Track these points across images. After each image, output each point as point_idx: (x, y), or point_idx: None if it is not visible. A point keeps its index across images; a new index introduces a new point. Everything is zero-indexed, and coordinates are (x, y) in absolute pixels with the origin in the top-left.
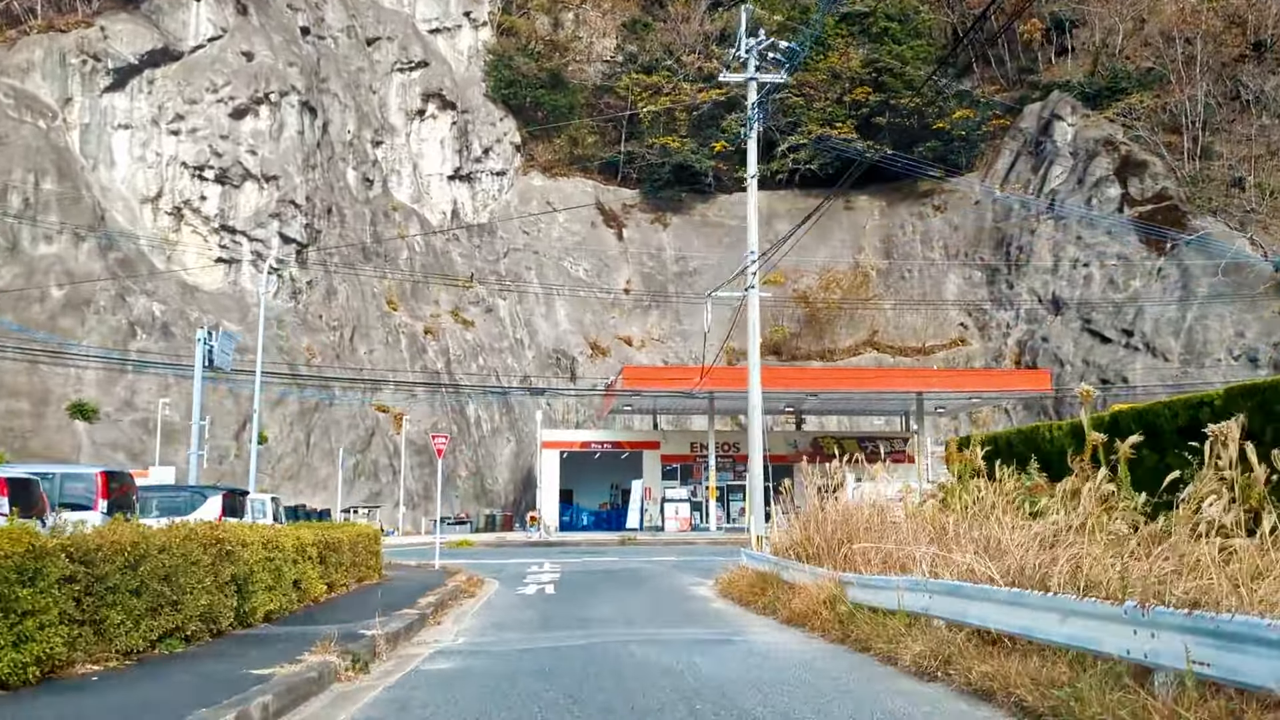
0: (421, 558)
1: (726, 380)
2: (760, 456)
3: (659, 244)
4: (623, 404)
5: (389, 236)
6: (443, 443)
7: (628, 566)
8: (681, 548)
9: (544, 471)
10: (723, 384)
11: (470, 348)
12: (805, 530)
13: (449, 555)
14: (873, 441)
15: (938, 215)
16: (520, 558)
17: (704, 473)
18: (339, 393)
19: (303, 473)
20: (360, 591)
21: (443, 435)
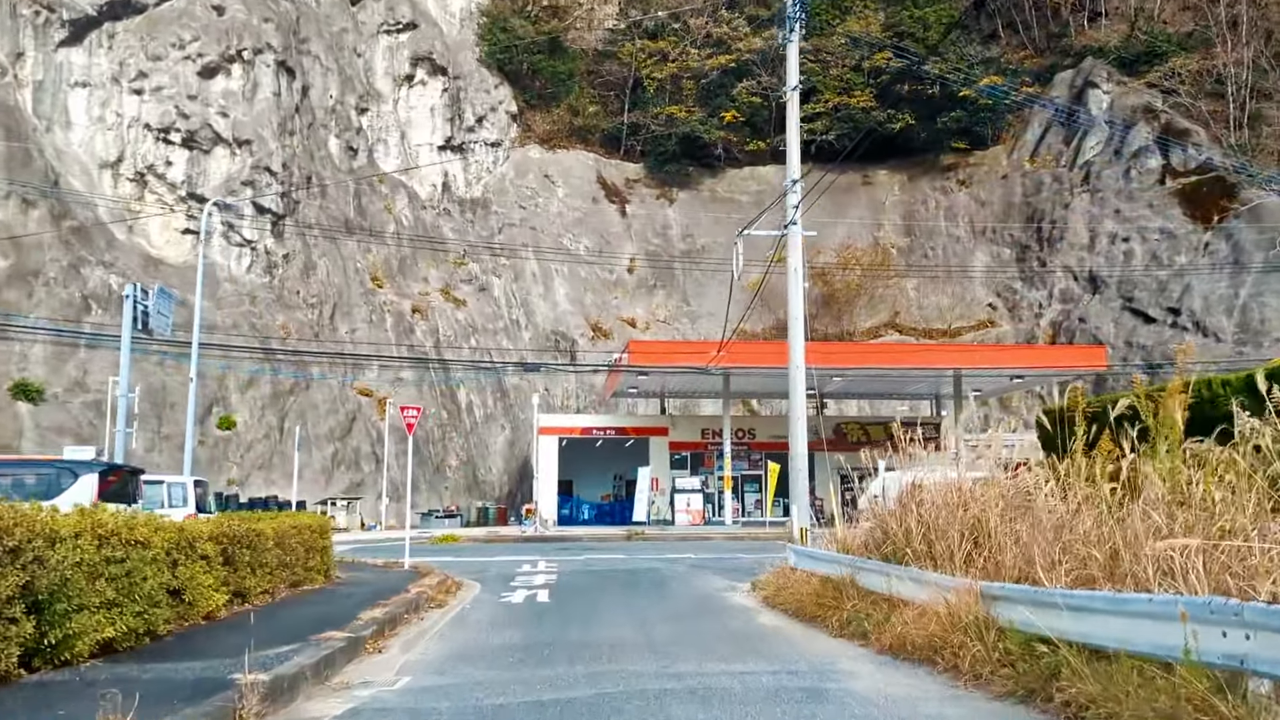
0: (394, 555)
1: (746, 355)
2: (804, 433)
3: (664, 220)
4: (627, 386)
5: (374, 209)
6: (414, 416)
7: (638, 566)
8: (696, 543)
9: (541, 460)
10: (742, 359)
11: (462, 328)
12: (897, 520)
13: (429, 553)
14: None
15: (962, 190)
16: (511, 554)
17: (717, 461)
18: (317, 374)
19: (275, 461)
20: (287, 602)
21: (414, 407)
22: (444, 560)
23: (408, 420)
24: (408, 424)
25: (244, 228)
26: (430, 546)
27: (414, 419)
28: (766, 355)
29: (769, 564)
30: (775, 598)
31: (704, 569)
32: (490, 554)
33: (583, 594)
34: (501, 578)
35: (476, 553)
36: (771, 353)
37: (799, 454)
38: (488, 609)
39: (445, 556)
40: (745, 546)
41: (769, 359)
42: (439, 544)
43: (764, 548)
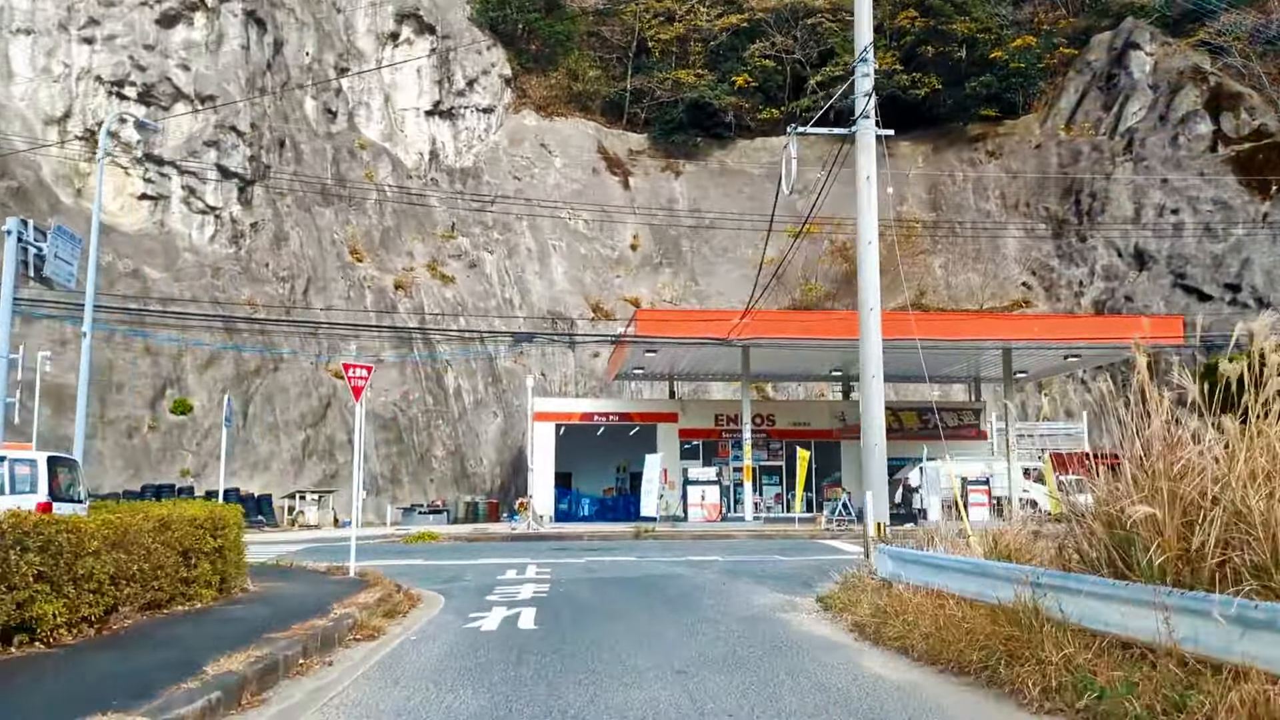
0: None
1: (772, 325)
2: (879, 396)
3: (670, 194)
4: (632, 367)
5: (355, 177)
6: (362, 378)
7: (654, 571)
8: (718, 542)
9: (536, 449)
10: (767, 330)
11: (450, 307)
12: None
13: (397, 554)
14: (936, 414)
15: (992, 162)
16: (495, 556)
17: (733, 450)
18: (287, 353)
19: (238, 450)
20: (140, 629)
21: (362, 366)
22: (408, 565)
23: (355, 382)
24: (354, 387)
25: (207, 193)
26: (401, 546)
27: (362, 381)
28: (794, 326)
29: (822, 569)
30: (876, 627)
31: (739, 575)
32: (470, 555)
33: (584, 615)
34: (476, 589)
35: (454, 554)
36: (800, 324)
37: (873, 425)
38: (442, 642)
39: (413, 559)
40: (778, 546)
41: (797, 329)
42: (413, 543)
43: (800, 547)
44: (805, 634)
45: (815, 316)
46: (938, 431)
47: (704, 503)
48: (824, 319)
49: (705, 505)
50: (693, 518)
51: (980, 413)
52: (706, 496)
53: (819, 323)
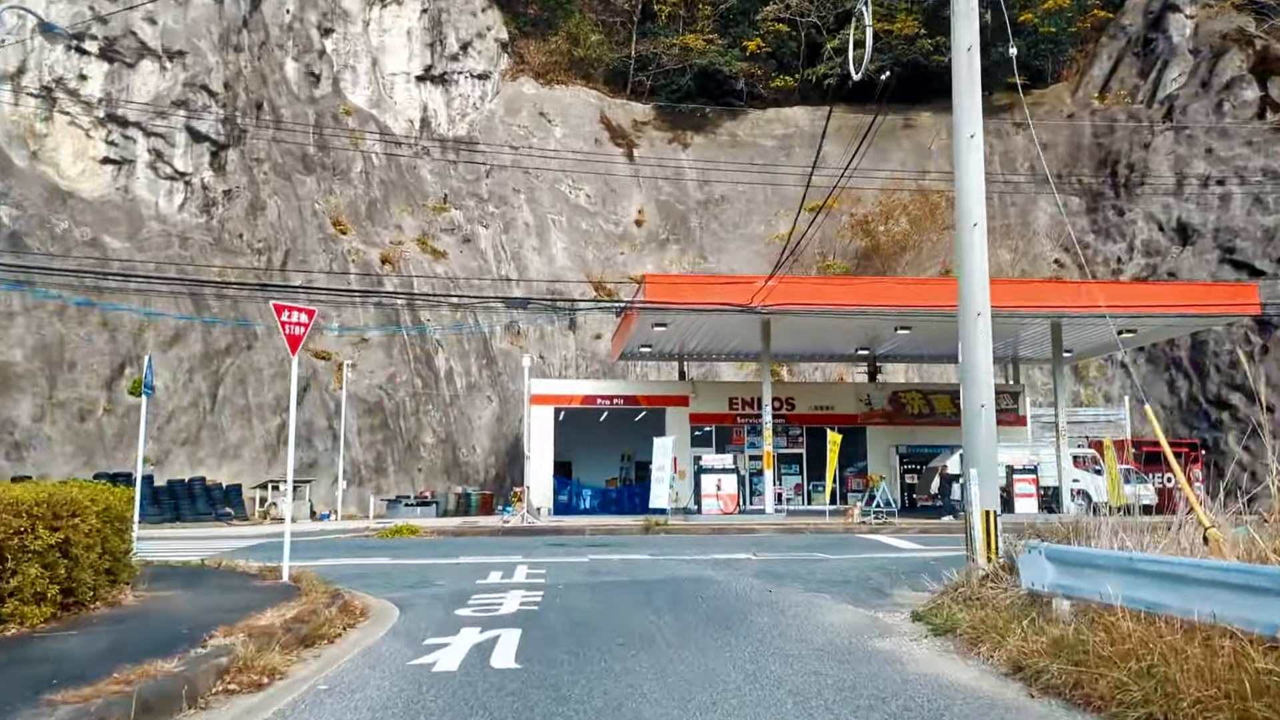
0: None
1: (800, 291)
2: (986, 343)
3: (678, 167)
4: (639, 344)
5: (339, 144)
6: (300, 324)
7: (676, 574)
8: (740, 538)
9: (534, 435)
10: (796, 297)
11: (441, 284)
12: None
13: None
14: None
15: (1020, 132)
16: (482, 554)
17: (748, 436)
18: (262, 331)
19: (204, 436)
20: None
21: (302, 309)
22: (371, 565)
23: (291, 329)
24: (290, 335)
25: (175, 157)
26: (374, 542)
27: (300, 329)
28: (826, 291)
29: (884, 569)
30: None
31: (784, 579)
32: (451, 553)
33: (589, 641)
34: (447, 597)
35: (432, 551)
36: (833, 289)
37: (979, 378)
38: (362, 700)
39: (380, 558)
40: (815, 542)
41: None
42: (388, 538)
43: (841, 544)
44: (940, 682)
45: (848, 283)
46: None
47: (719, 493)
48: (857, 285)
49: (721, 496)
50: (706, 510)
51: (1019, 396)
52: (723, 486)
53: (852, 289)
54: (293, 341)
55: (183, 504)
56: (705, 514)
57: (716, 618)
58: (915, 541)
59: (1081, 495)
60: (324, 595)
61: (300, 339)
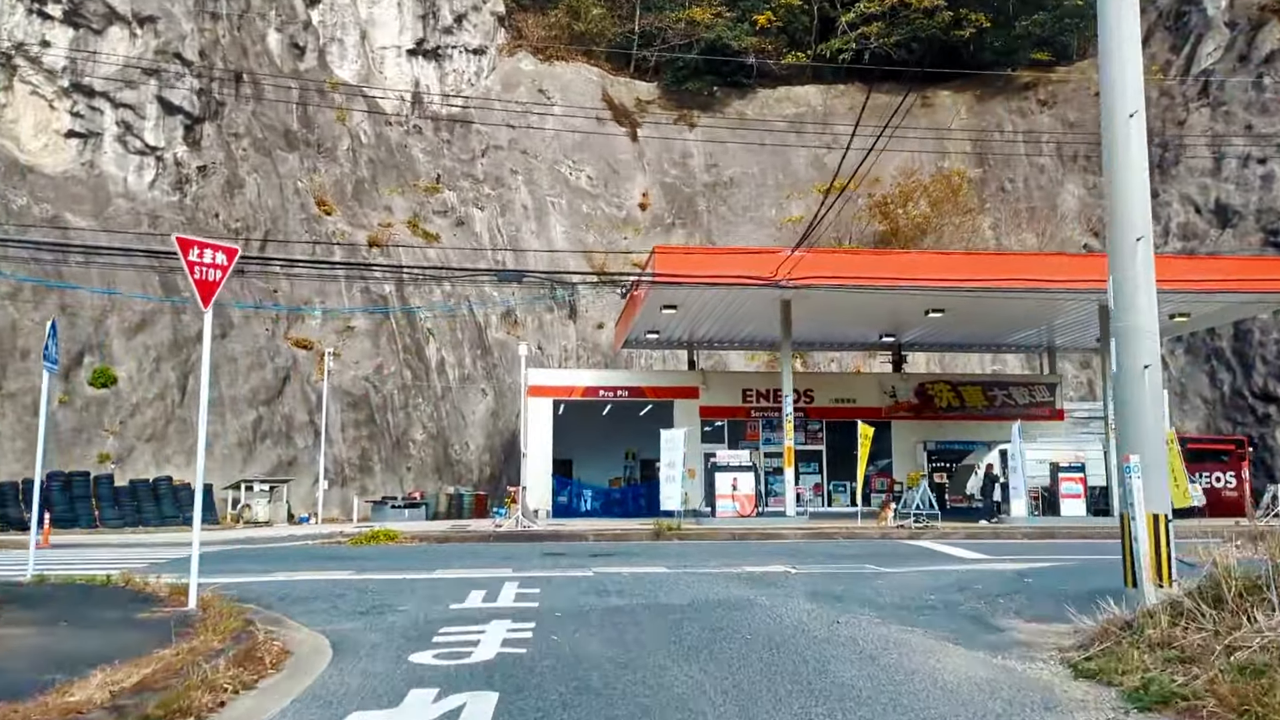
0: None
1: (830, 264)
2: (1148, 285)
3: (684, 148)
4: (645, 331)
5: (324, 121)
6: (217, 267)
7: (706, 594)
8: (767, 545)
9: (531, 430)
10: (825, 267)
11: (433, 268)
12: None
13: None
14: (1004, 389)
15: (1044, 111)
16: (464, 565)
17: (762, 431)
18: (238, 318)
19: (172, 432)
20: None
21: (221, 247)
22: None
23: (203, 274)
24: (200, 282)
25: (145, 130)
26: (343, 550)
27: (218, 274)
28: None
29: (963, 586)
30: None
31: (845, 602)
32: (428, 565)
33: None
34: (405, 633)
35: (405, 563)
36: (864, 263)
37: (1142, 356)
38: None
39: (339, 572)
40: (857, 551)
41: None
42: (361, 545)
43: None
44: None
45: (882, 255)
46: (1007, 410)
47: (735, 494)
48: (891, 258)
49: (737, 497)
50: (721, 512)
51: (1055, 388)
52: (739, 486)
53: (886, 262)
54: (205, 290)
55: (146, 506)
56: (719, 517)
57: (784, 671)
58: (972, 549)
59: None
60: (225, 634)
61: (215, 286)
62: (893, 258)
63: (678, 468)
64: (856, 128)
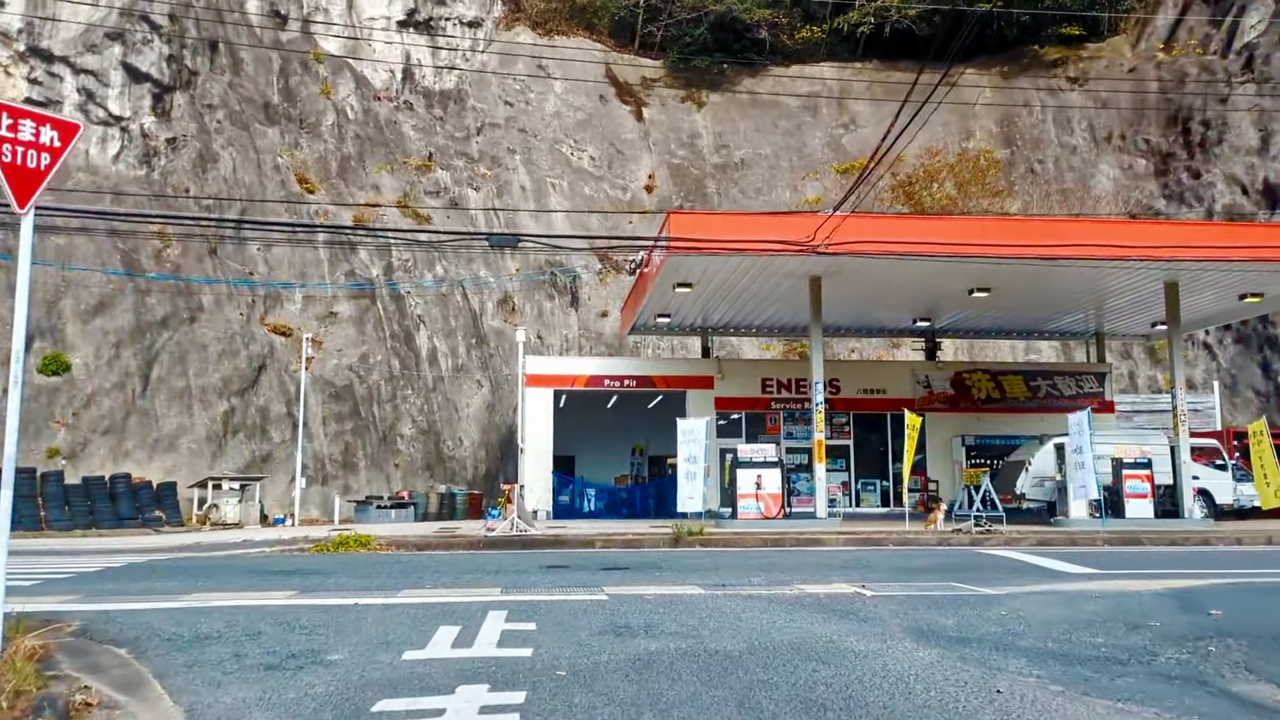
0: (169, 584)
1: (871, 230)
2: None
3: (692, 128)
4: (655, 314)
5: (308, 94)
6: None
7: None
8: (811, 554)
9: (529, 423)
10: (865, 235)
11: (424, 251)
12: None
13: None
14: (1048, 379)
15: (1075, 89)
16: (440, 583)
17: (784, 425)
18: (209, 302)
19: (133, 424)
20: None
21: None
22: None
23: (20, 158)
24: (16, 169)
25: (109, 98)
26: (302, 560)
27: (45, 160)
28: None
29: (1125, 620)
30: None
31: (983, 650)
32: (395, 583)
33: None
34: (323, 709)
35: (368, 580)
36: (913, 229)
37: None
38: None
39: (277, 593)
40: (924, 563)
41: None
42: (327, 552)
43: (967, 565)
44: None
45: (935, 222)
46: (1052, 401)
47: (760, 493)
48: (944, 224)
49: (762, 496)
50: (744, 513)
51: (1105, 377)
52: (764, 484)
53: (941, 228)
54: (22, 182)
55: (101, 506)
56: (742, 519)
57: None
58: (1065, 560)
59: (1201, 495)
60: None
61: (39, 178)
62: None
63: (698, 463)
64: (909, 96)
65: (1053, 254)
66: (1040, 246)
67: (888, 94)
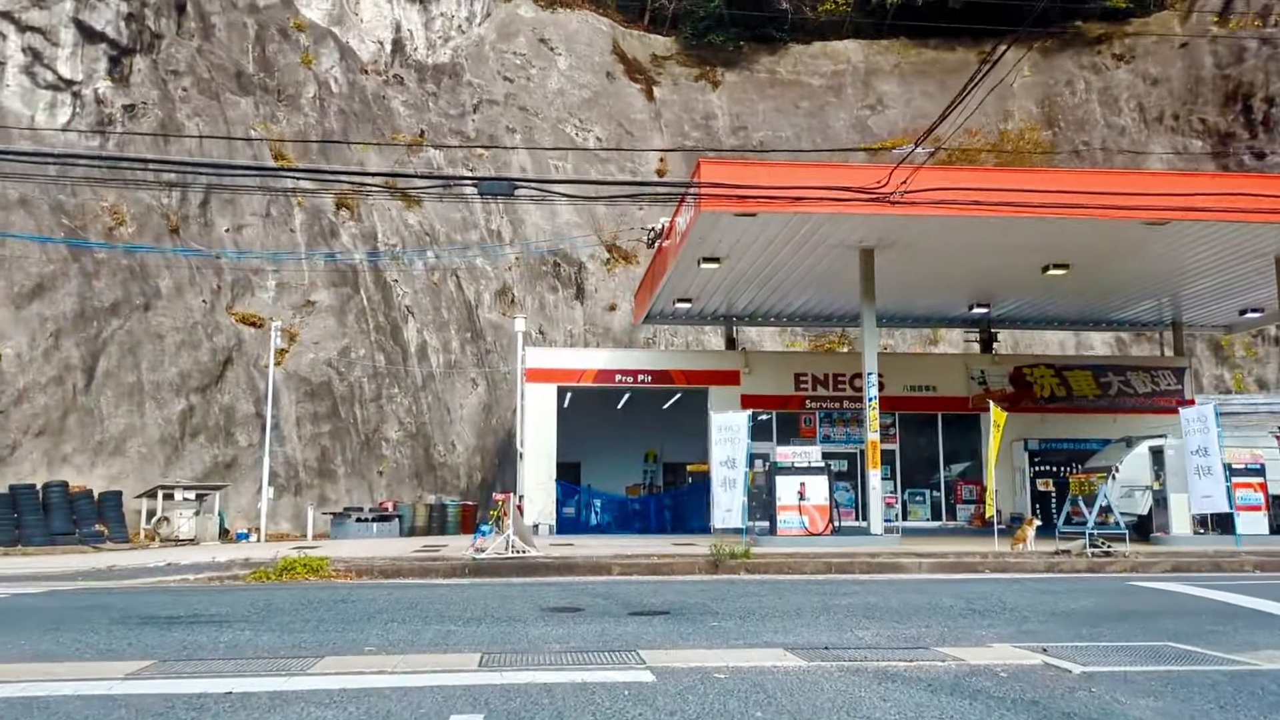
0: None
1: (947, 181)
2: None
3: (707, 109)
4: (675, 298)
5: (286, 63)
6: None
7: None
8: (894, 584)
9: (529, 424)
10: (942, 180)
11: (414, 236)
12: None
13: (146, 630)
14: (1120, 375)
15: (1122, 67)
16: (384, 643)
17: (820, 425)
18: (167, 288)
19: (73, 424)
20: None
21: None
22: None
23: None
24: None
25: (59, 59)
26: (222, 594)
27: None
28: (984, 181)
29: None
30: None
31: None
32: (318, 643)
33: None
34: None
35: (287, 635)
36: (1002, 179)
37: None
38: None
39: (111, 668)
40: (1079, 601)
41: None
42: (264, 581)
43: (1147, 605)
44: None
45: (1034, 174)
46: (1124, 400)
47: (804, 504)
48: (1035, 176)
49: (806, 509)
50: (784, 528)
51: (1184, 373)
52: (809, 494)
53: (1036, 178)
54: None
55: (30, 519)
56: (782, 535)
57: None
58: (1249, 595)
59: None
60: None
61: None
62: (1036, 176)
63: (738, 467)
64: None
65: (1166, 215)
66: (1151, 208)
67: (917, 73)
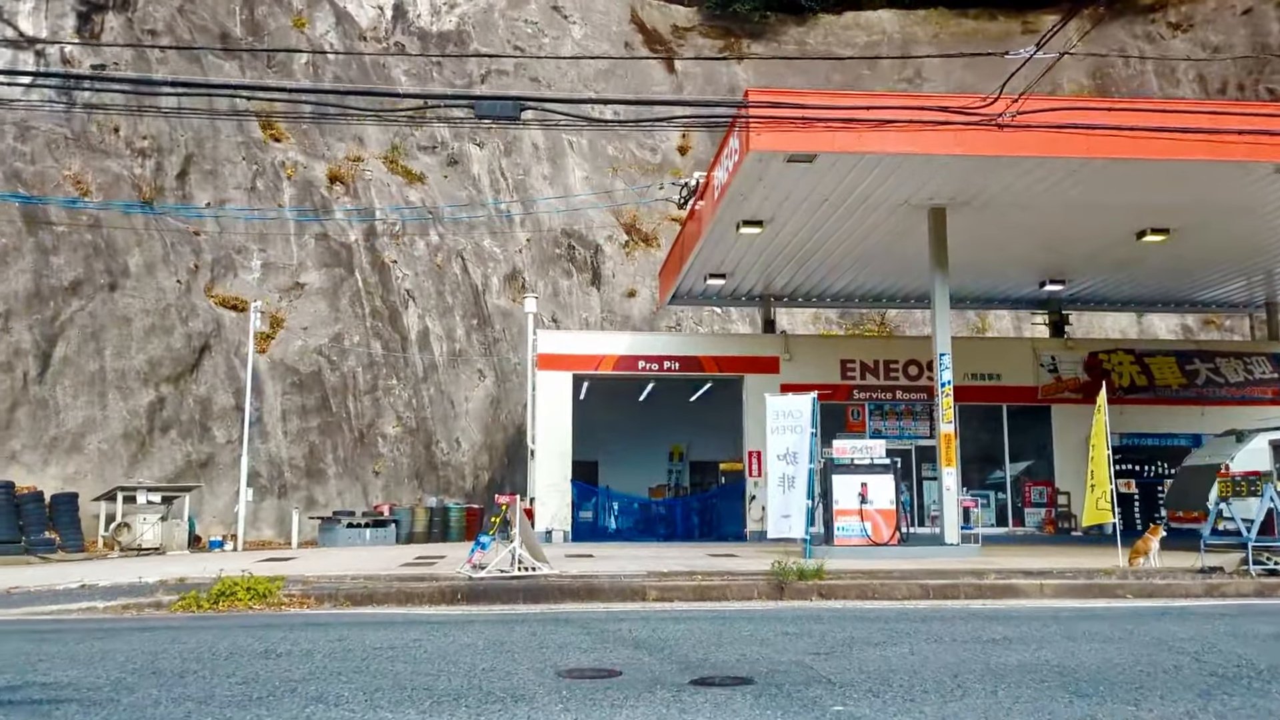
0: None
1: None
2: None
3: (731, 82)
4: (707, 274)
5: (277, 27)
6: None
7: None
8: (1038, 615)
9: (542, 416)
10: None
11: (416, 214)
12: None
13: None
14: (1208, 362)
15: (1178, 35)
16: None
17: (870, 418)
18: (136, 266)
19: (23, 418)
20: None
21: None
22: None
23: None
24: None
25: (20, 14)
26: (114, 636)
27: None
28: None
29: None
30: None
31: None
32: None
33: None
34: None
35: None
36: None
37: None
38: None
39: None
40: None
41: None
42: (191, 611)
43: None
44: None
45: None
46: (1212, 390)
47: (866, 508)
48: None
49: (869, 515)
50: (842, 537)
51: (1278, 359)
52: (872, 496)
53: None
54: None
55: None
56: (840, 544)
57: None
58: None
59: None
60: None
61: None
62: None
63: (801, 461)
64: None
65: None
66: None
67: (957, 44)
